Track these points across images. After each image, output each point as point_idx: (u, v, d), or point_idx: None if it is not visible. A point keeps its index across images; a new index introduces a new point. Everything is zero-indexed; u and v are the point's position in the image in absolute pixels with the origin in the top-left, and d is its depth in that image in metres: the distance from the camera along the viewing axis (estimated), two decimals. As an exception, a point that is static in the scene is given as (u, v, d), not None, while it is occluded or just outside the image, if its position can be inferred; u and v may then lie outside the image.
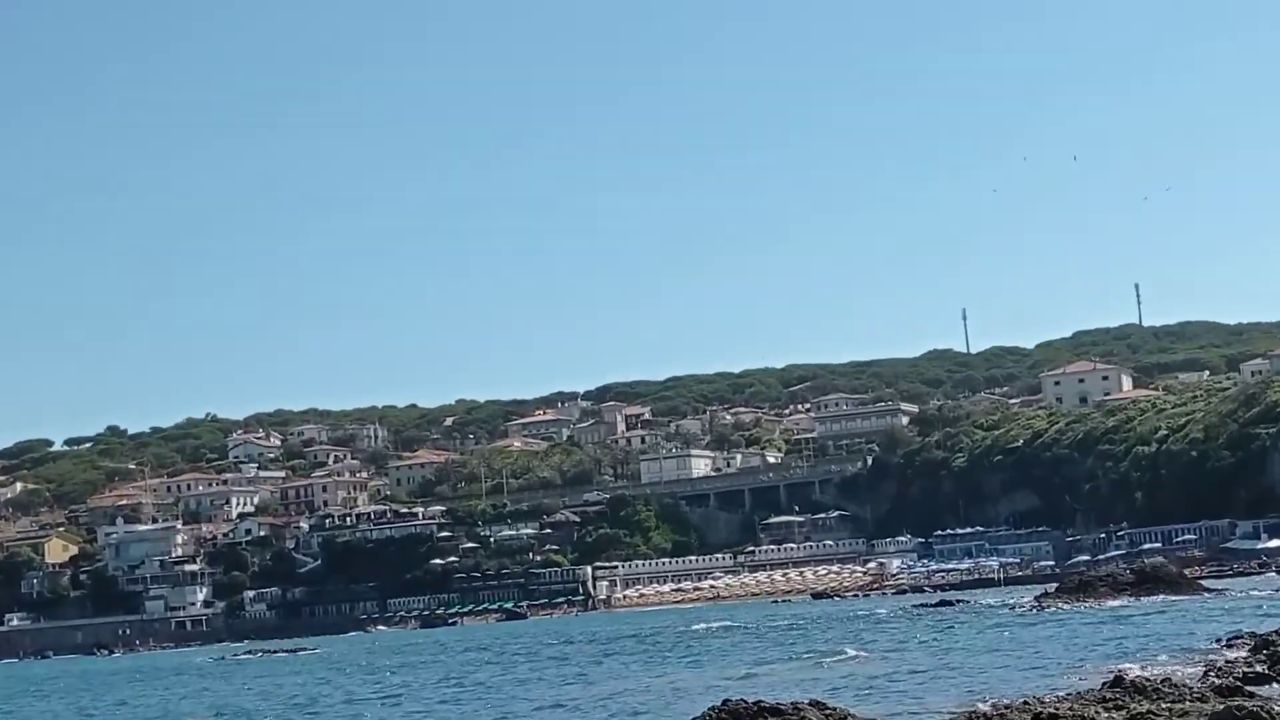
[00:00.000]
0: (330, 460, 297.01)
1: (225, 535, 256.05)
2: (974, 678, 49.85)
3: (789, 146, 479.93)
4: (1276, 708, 24.76)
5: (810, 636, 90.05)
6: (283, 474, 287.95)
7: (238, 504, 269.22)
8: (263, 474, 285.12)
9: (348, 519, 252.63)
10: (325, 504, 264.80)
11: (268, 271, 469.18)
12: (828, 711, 34.47)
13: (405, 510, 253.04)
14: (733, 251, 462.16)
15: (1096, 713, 31.43)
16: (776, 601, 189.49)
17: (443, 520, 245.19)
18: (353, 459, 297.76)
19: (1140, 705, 32.13)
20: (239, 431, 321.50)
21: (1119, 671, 38.83)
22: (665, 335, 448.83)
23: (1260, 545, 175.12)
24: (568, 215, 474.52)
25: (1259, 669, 40.70)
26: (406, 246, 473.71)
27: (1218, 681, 36.93)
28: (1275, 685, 36.86)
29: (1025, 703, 33.95)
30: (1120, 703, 32.79)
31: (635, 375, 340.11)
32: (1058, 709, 32.12)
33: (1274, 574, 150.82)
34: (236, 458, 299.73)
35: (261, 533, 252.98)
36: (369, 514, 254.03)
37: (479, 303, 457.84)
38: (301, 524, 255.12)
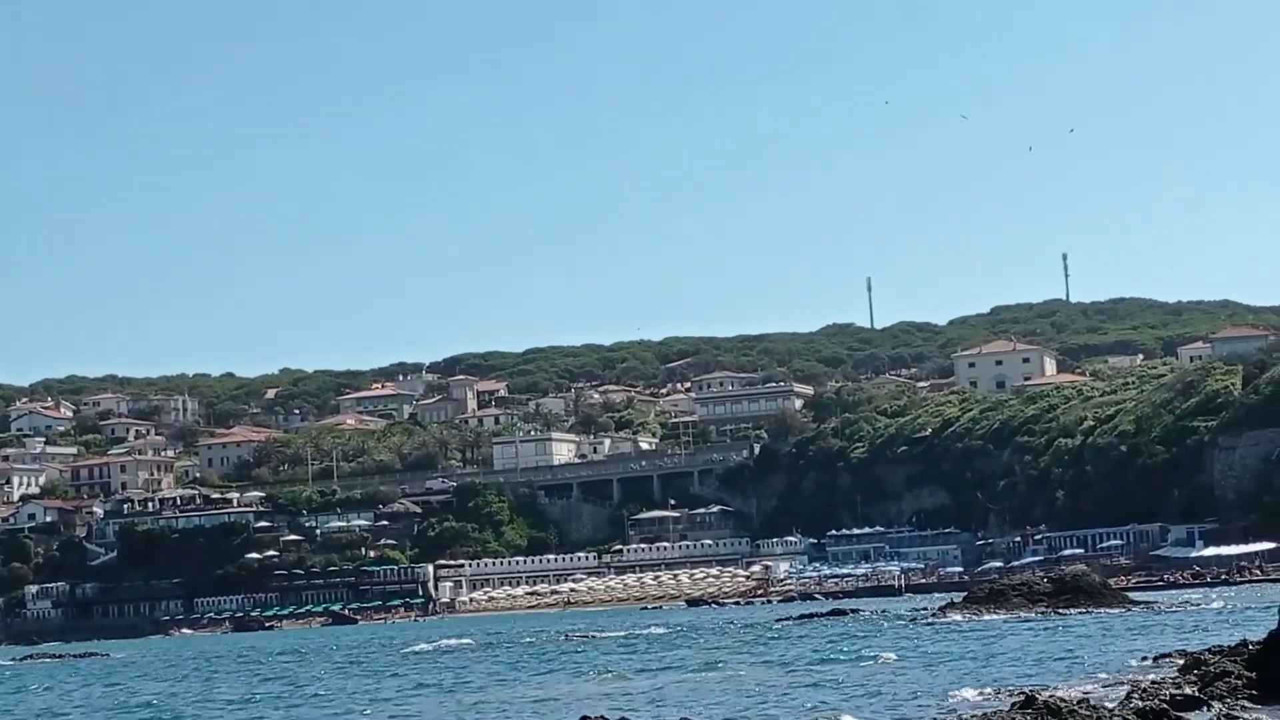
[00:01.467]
0: (131, 436, 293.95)
1: (5, 520, 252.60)
2: (866, 697, 50.02)
3: (670, 101, 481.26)
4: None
5: (684, 647, 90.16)
6: (74, 451, 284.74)
7: (20, 484, 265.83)
8: (50, 450, 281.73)
9: (150, 504, 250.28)
10: (124, 486, 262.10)
11: (59, 216, 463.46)
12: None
13: (217, 496, 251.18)
14: (605, 209, 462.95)
15: (1003, 737, 31.50)
16: (646, 608, 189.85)
17: (261, 508, 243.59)
18: (157, 435, 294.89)
19: (1053, 729, 32.27)
20: (23, 400, 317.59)
21: (1031, 691, 39.02)
22: (525, 300, 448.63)
23: (1195, 553, 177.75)
24: (414, 164, 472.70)
25: (1189, 691, 40.98)
26: (223, 192, 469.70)
27: (1142, 704, 37.17)
28: (1207, 710, 37.14)
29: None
30: (1031, 726, 32.93)
31: (489, 346, 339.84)
32: (959, 732, 32.16)
33: (1210, 586, 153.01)
34: (20, 430, 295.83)
35: (48, 518, 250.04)
36: (175, 499, 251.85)
37: (308, 259, 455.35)
38: (95, 509, 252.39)
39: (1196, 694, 40.17)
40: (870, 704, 47.28)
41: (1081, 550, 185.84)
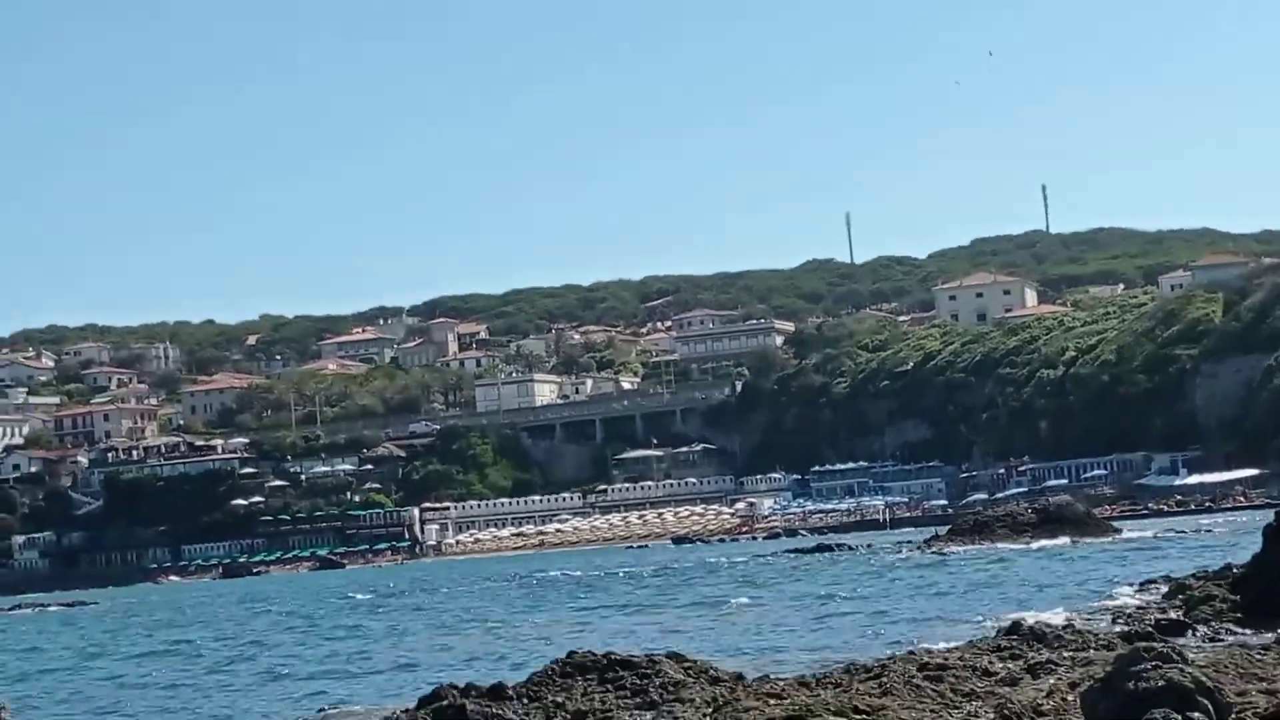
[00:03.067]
0: (113, 385, 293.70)
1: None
2: (853, 628, 50.39)
3: (646, 32, 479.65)
4: (1191, 654, 25.14)
5: (670, 585, 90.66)
6: (57, 400, 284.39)
7: (4, 435, 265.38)
8: (33, 400, 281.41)
9: (134, 452, 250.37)
10: (107, 435, 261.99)
11: (37, 163, 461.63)
12: (686, 664, 34.59)
13: (201, 443, 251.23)
14: (583, 146, 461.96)
15: (991, 663, 31.79)
16: (632, 547, 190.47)
17: (245, 454, 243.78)
18: (139, 383, 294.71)
19: (1040, 654, 32.56)
20: (4, 351, 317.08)
21: (1017, 618, 39.38)
22: (504, 241, 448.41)
23: (1178, 481, 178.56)
24: (392, 105, 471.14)
25: (1173, 615, 41.45)
26: (201, 139, 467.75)
27: (1127, 629, 37.53)
28: (1191, 634, 37.52)
29: (910, 653, 34.29)
30: (1017, 651, 33.22)
31: (469, 288, 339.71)
32: (947, 659, 32.43)
33: (1194, 513, 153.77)
34: (1, 381, 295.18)
35: (32, 468, 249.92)
36: (159, 447, 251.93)
37: (287, 203, 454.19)
38: (80, 458, 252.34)
39: (1182, 618, 40.59)
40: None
41: (1065, 481, 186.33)
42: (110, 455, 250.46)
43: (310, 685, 47.10)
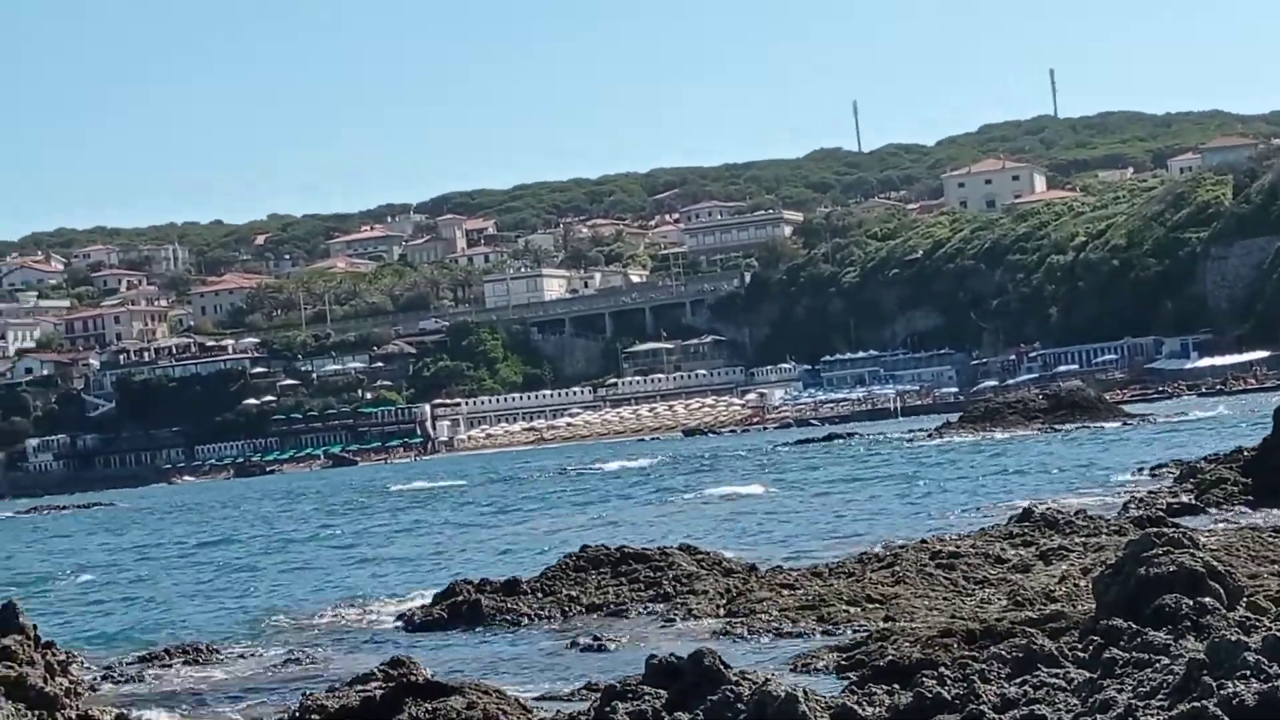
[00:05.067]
0: (123, 287, 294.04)
1: (2, 375, 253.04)
2: (865, 517, 50.46)
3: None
4: (1202, 538, 25.17)
5: (685, 476, 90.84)
6: (67, 303, 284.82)
7: (15, 339, 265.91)
8: (43, 303, 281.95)
9: (145, 354, 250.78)
10: (119, 337, 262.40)
11: (43, 67, 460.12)
12: (699, 556, 34.77)
13: (212, 343, 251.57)
14: (589, 38, 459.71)
15: (1003, 549, 31.92)
16: (643, 440, 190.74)
17: (256, 354, 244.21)
18: (149, 285, 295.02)
19: (1051, 540, 32.64)
20: (13, 255, 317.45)
21: (1029, 505, 39.45)
22: (510, 136, 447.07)
23: (1189, 365, 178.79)
24: (391, 5, 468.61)
25: (1185, 499, 41.51)
26: (206, 32, 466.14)
27: (1138, 513, 37.59)
28: (1203, 516, 37.63)
29: (923, 541, 34.37)
30: (1029, 538, 33.31)
31: (476, 184, 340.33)
32: (959, 546, 32.58)
33: (1205, 396, 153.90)
34: (12, 285, 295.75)
35: (45, 371, 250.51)
36: (170, 348, 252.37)
37: (294, 100, 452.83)
38: (91, 361, 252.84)
39: (1193, 501, 40.67)
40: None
41: (1076, 366, 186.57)
42: (122, 357, 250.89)
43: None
